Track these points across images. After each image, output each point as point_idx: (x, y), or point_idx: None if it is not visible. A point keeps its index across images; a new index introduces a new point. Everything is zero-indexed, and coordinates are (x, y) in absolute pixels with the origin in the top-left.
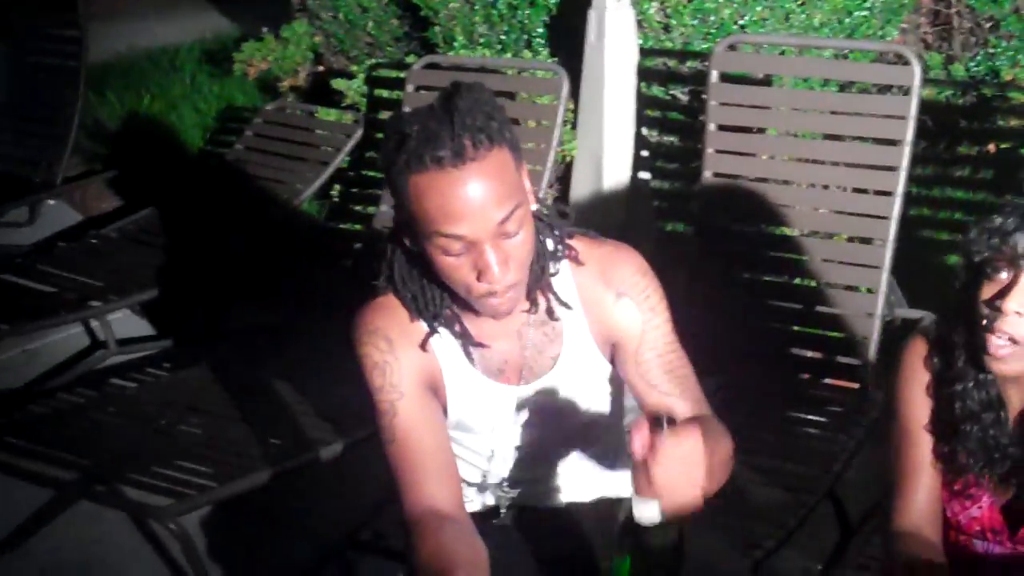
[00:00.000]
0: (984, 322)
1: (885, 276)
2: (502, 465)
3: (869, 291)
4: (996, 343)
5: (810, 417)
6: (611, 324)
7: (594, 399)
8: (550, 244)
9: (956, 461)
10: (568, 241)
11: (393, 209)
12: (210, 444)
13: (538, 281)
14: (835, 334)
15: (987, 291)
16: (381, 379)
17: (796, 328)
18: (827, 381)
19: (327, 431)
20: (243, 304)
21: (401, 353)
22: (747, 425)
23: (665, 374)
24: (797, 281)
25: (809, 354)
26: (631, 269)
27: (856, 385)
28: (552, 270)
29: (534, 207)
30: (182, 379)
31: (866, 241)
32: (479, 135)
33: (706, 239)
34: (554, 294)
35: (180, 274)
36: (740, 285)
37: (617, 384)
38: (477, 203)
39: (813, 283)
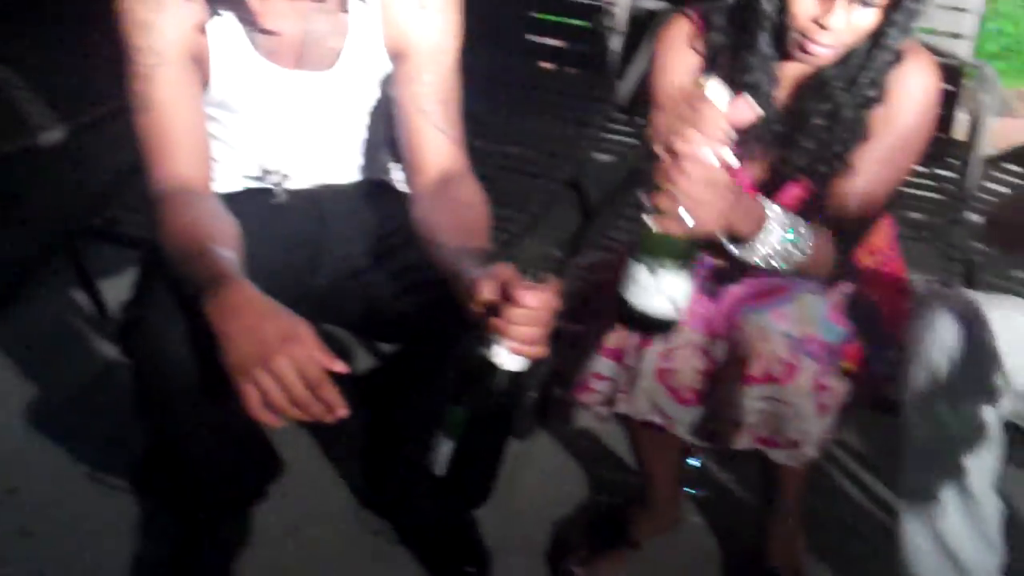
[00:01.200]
0: (802, 35)
1: None
2: (265, 147)
3: None
4: (818, 50)
5: (553, 105)
6: (405, 31)
7: (370, 99)
8: None
9: None
10: None
11: None
12: None
13: None
14: (579, 21)
15: (804, 6)
16: (143, 40)
17: (538, 15)
18: (570, 70)
19: (45, 116)
20: None
21: (171, 16)
22: (490, 114)
23: (439, 104)
24: None
25: (552, 42)
26: None
27: (600, 74)
28: None
29: None
30: None
31: None
32: None
33: None
34: None
35: None
36: None
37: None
38: None
39: None
